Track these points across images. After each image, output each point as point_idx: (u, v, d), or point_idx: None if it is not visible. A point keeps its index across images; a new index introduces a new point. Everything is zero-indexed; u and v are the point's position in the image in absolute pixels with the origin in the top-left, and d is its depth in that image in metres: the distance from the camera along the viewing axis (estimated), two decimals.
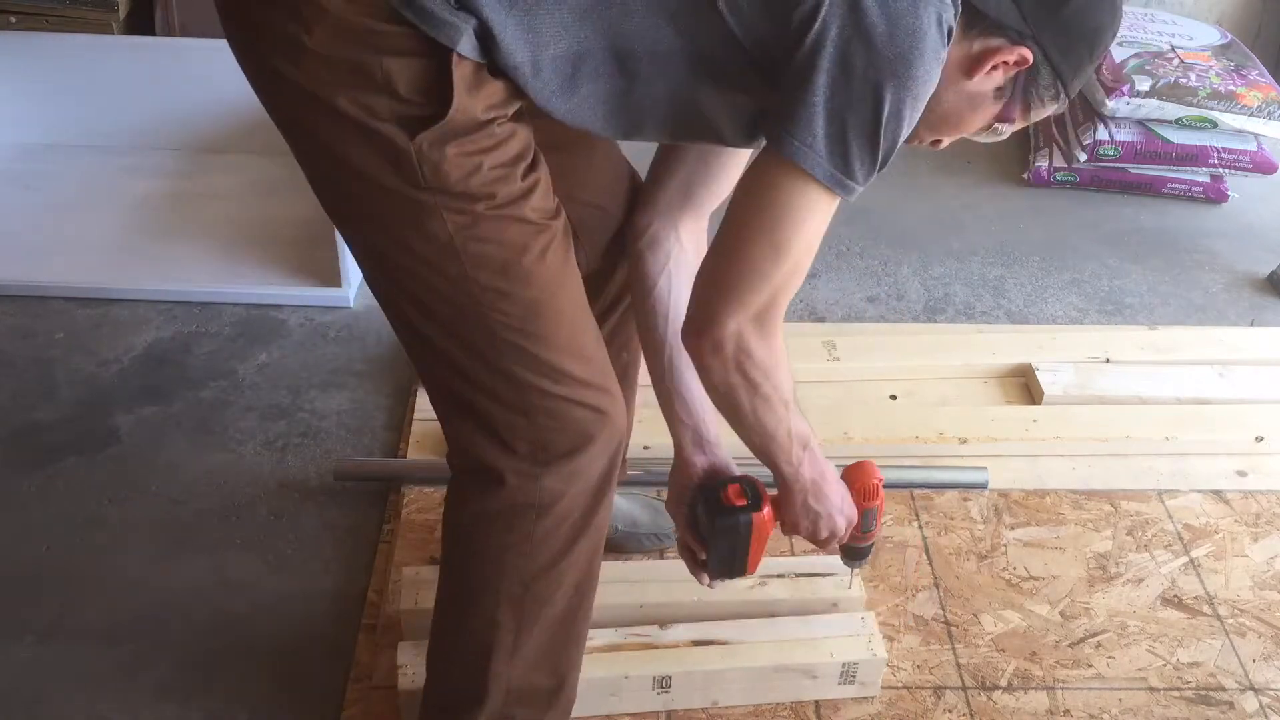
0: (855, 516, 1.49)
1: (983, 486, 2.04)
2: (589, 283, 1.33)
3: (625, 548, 1.83)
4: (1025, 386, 2.28)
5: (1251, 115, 2.87)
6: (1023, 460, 2.11)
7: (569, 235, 1.25)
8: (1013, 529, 1.97)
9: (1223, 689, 1.73)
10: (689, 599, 1.69)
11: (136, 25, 2.96)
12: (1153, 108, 2.90)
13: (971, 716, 1.67)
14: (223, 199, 2.75)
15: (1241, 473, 2.12)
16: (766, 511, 1.43)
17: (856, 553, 1.64)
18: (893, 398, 2.24)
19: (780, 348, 1.25)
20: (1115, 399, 2.22)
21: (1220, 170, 2.97)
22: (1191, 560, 1.93)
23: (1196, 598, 1.87)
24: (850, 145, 1.10)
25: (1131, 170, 2.99)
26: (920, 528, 1.96)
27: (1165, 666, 1.75)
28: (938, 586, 1.86)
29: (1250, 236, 2.90)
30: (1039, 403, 2.22)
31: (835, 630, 1.68)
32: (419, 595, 1.65)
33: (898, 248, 2.75)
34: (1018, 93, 1.20)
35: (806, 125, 1.09)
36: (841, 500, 1.45)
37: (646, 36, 1.12)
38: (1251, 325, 2.56)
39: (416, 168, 1.11)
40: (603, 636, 1.64)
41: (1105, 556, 1.93)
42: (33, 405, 2.16)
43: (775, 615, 1.70)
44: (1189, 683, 1.73)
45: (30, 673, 1.69)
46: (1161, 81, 2.91)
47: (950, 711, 1.67)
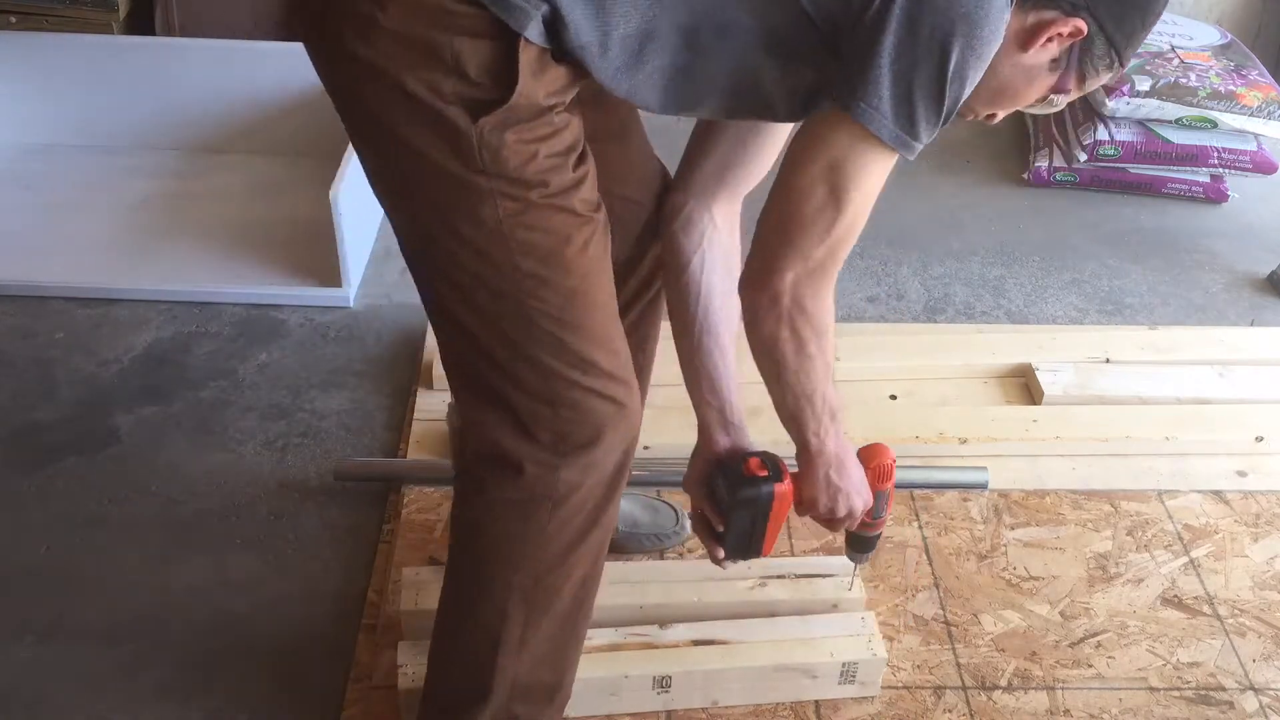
0: (870, 498, 1.48)
1: (983, 486, 2.04)
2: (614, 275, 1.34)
3: (625, 548, 1.83)
4: (1025, 386, 2.28)
5: (1251, 115, 2.87)
6: (1023, 460, 2.11)
7: (608, 230, 1.26)
8: (1013, 529, 1.97)
9: (1223, 689, 1.73)
10: (689, 599, 1.70)
11: (136, 25, 2.96)
12: (1153, 108, 2.90)
13: (971, 716, 1.67)
14: (223, 199, 2.75)
15: (1241, 473, 2.11)
16: (787, 484, 1.43)
17: (863, 543, 1.62)
18: (893, 398, 2.24)
19: (831, 308, 1.27)
20: (1115, 399, 2.22)
21: (1220, 170, 2.97)
22: (1191, 560, 1.93)
23: (1196, 598, 1.87)
24: (916, 105, 1.12)
25: (1131, 170, 2.99)
26: (920, 528, 1.96)
27: (1165, 666, 1.75)
28: (938, 586, 1.86)
29: (1250, 236, 2.90)
30: (1039, 403, 2.22)
31: (835, 630, 1.68)
32: (419, 595, 1.65)
33: (897, 247, 2.75)
34: (1073, 63, 1.20)
35: (873, 87, 1.11)
36: (860, 479, 1.45)
37: (714, 12, 1.13)
38: (1251, 325, 2.56)
39: (476, 151, 1.12)
40: (603, 636, 1.64)
41: (1105, 556, 1.93)
42: (33, 405, 2.16)
43: (775, 615, 1.70)
44: (1189, 683, 1.73)
45: (30, 673, 1.69)
46: (1161, 81, 2.91)
47: (950, 711, 1.67)
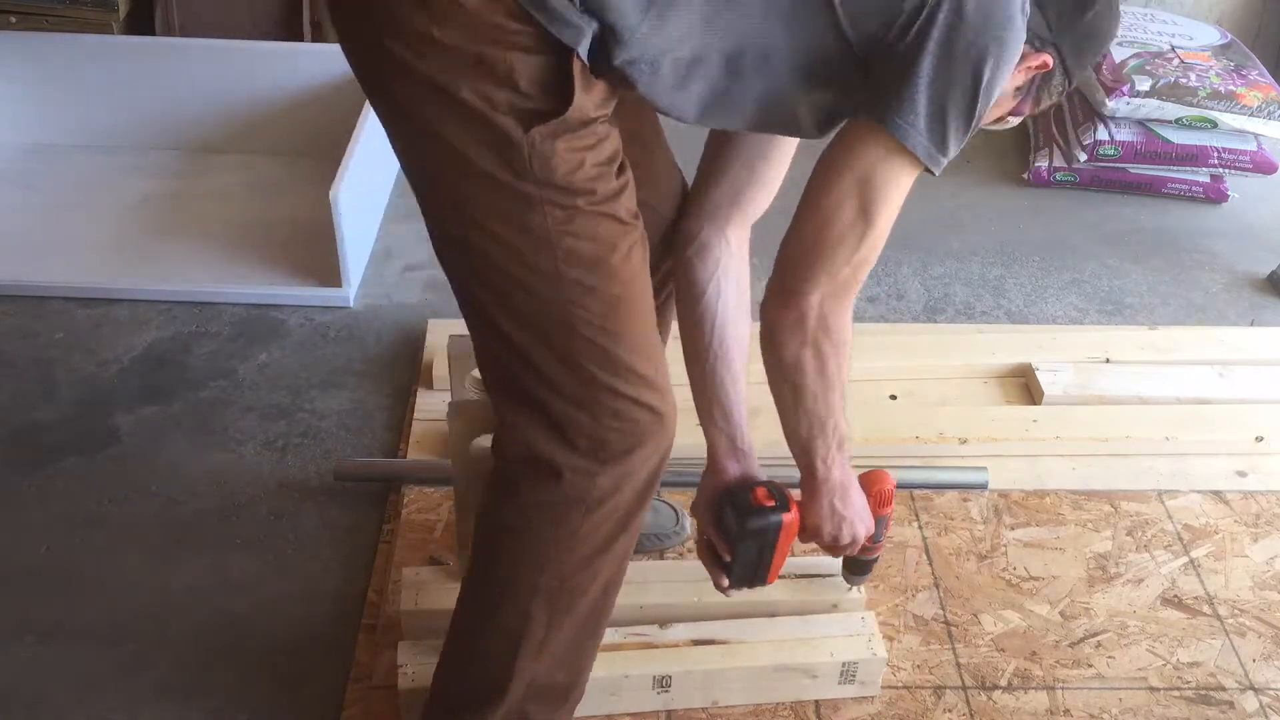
0: (873, 524, 1.49)
1: (983, 487, 2.04)
2: None
3: None
4: (1025, 386, 2.28)
5: (1251, 115, 2.87)
6: (1023, 460, 2.11)
7: (646, 238, 1.27)
8: (1013, 529, 1.97)
9: (1223, 689, 1.73)
10: (689, 599, 1.69)
11: (136, 25, 2.96)
12: (1153, 108, 2.90)
13: (971, 716, 1.67)
14: (223, 199, 2.75)
15: (1241, 473, 2.11)
16: (794, 514, 1.44)
17: (861, 566, 1.66)
18: (893, 398, 2.24)
19: (851, 325, 1.29)
20: (1115, 399, 2.22)
21: (1220, 170, 2.97)
22: (1191, 560, 1.93)
23: (1196, 598, 1.87)
24: (949, 122, 1.17)
25: (1131, 170, 2.99)
26: (920, 528, 1.96)
27: (1165, 666, 1.75)
28: (938, 586, 1.86)
29: (1250, 236, 2.90)
30: (1039, 403, 2.22)
31: (835, 630, 1.68)
32: (419, 595, 1.65)
33: (898, 248, 2.74)
34: (1032, 91, 1.29)
35: (910, 105, 1.15)
36: (863, 507, 1.47)
37: (759, 39, 1.16)
38: (1251, 325, 2.55)
39: (526, 160, 1.14)
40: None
41: (1105, 557, 1.93)
42: (33, 405, 2.16)
43: (775, 615, 1.70)
44: (1189, 683, 1.73)
45: (30, 673, 1.69)
46: (1161, 81, 2.91)
47: (950, 711, 1.67)
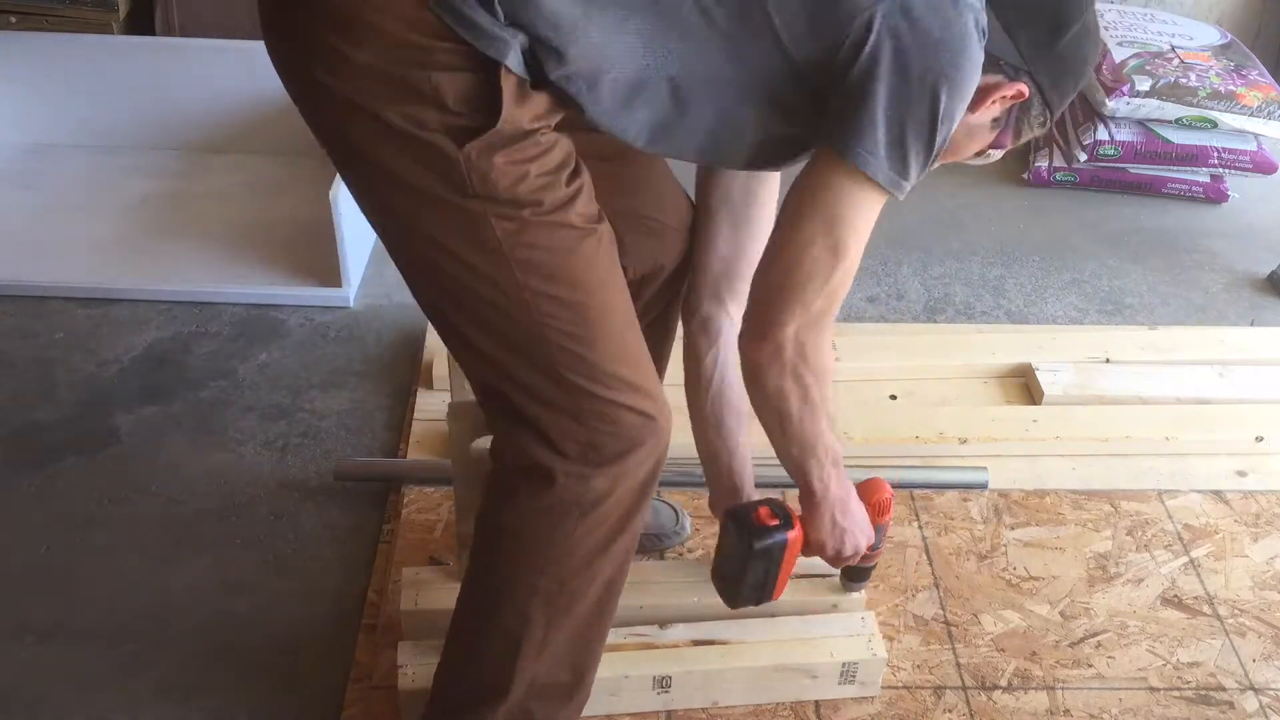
0: (873, 534, 1.50)
1: (983, 486, 2.04)
2: (631, 290, 1.35)
3: None
4: (1025, 386, 2.28)
5: (1251, 115, 2.87)
6: (1023, 460, 2.11)
7: (614, 242, 1.27)
8: (1013, 529, 1.97)
9: (1223, 689, 1.73)
10: (689, 599, 1.69)
11: (136, 25, 2.96)
12: (1153, 108, 2.90)
13: (971, 716, 1.67)
14: (223, 199, 2.75)
15: (1241, 473, 2.11)
16: (797, 531, 1.44)
17: (860, 574, 1.67)
18: (893, 398, 2.24)
19: (830, 352, 1.29)
20: (1115, 399, 2.22)
21: (1220, 170, 2.97)
22: (1191, 560, 1.93)
23: (1196, 598, 1.87)
24: (909, 148, 1.16)
25: (1131, 170, 2.99)
26: (920, 528, 1.96)
27: (1165, 666, 1.75)
28: (938, 586, 1.86)
29: (1250, 236, 2.90)
30: (1039, 403, 2.22)
31: (835, 630, 1.68)
32: (419, 595, 1.65)
33: (897, 248, 2.75)
34: (1011, 122, 1.28)
35: (869, 133, 1.14)
36: (862, 517, 1.48)
37: (704, 65, 1.15)
38: (1251, 325, 2.56)
39: (465, 176, 1.13)
40: None
41: (1105, 556, 1.93)
42: (33, 405, 2.16)
43: (775, 615, 1.70)
44: (1189, 683, 1.73)
45: (30, 673, 1.69)
46: (1161, 81, 2.91)
47: (950, 711, 1.67)
